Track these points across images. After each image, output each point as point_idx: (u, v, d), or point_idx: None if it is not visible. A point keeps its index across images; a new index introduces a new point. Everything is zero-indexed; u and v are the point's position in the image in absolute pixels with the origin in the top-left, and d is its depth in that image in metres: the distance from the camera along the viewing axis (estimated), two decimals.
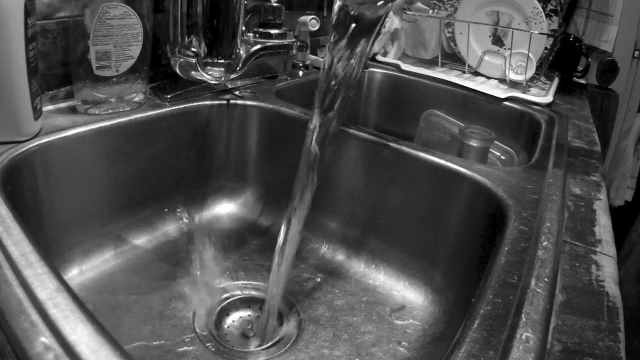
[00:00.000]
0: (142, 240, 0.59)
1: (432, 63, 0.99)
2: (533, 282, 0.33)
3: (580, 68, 1.08)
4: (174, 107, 0.60)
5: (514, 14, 0.89)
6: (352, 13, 0.40)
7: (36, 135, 0.47)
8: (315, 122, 0.43)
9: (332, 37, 0.41)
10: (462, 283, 0.51)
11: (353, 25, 0.41)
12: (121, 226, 0.57)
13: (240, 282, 0.55)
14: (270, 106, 0.66)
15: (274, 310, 0.48)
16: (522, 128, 0.78)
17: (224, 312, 0.51)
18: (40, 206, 0.48)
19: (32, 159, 0.46)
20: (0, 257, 0.29)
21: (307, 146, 0.43)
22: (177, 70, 0.60)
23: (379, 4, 0.40)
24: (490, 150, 0.71)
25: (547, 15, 0.90)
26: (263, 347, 0.47)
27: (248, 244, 0.62)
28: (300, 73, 0.84)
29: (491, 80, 0.92)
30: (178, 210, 0.63)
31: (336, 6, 0.41)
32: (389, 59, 0.99)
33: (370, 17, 0.40)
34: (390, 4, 0.41)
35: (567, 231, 0.42)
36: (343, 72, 0.42)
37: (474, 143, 0.66)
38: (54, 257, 0.49)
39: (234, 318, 0.51)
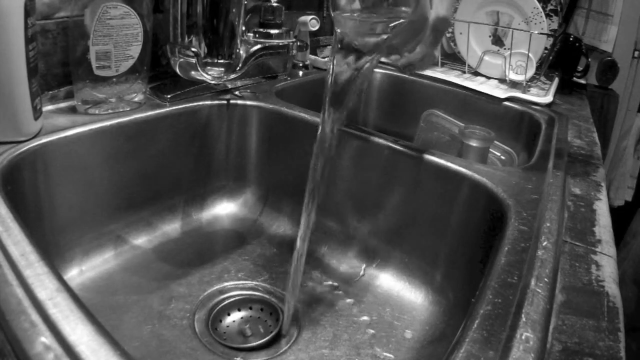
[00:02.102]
0: (142, 240, 0.59)
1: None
2: (533, 282, 0.33)
3: (580, 68, 1.08)
4: (174, 107, 0.60)
5: (514, 14, 0.89)
6: (351, 42, 0.41)
7: (36, 135, 0.47)
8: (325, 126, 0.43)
9: (333, 58, 0.42)
10: (462, 283, 0.51)
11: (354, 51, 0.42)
12: (121, 226, 0.57)
13: (239, 282, 0.55)
14: (270, 106, 0.66)
15: (289, 318, 0.48)
16: (522, 128, 0.78)
17: (224, 312, 0.51)
18: (40, 206, 0.48)
19: (32, 159, 0.46)
20: (0, 257, 0.29)
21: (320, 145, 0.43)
22: (177, 70, 0.60)
23: (374, 38, 0.41)
24: (490, 150, 0.71)
25: (547, 15, 0.89)
26: (262, 346, 0.47)
27: (248, 244, 0.62)
28: (300, 73, 0.84)
29: (491, 80, 0.92)
30: (178, 210, 0.63)
31: (336, 35, 0.41)
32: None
33: (367, 48, 0.41)
34: (384, 36, 0.41)
35: (567, 231, 0.42)
36: (348, 85, 0.42)
37: (474, 143, 0.66)
38: (54, 257, 0.49)
39: (234, 318, 0.51)
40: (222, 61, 0.60)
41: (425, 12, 0.42)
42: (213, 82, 0.62)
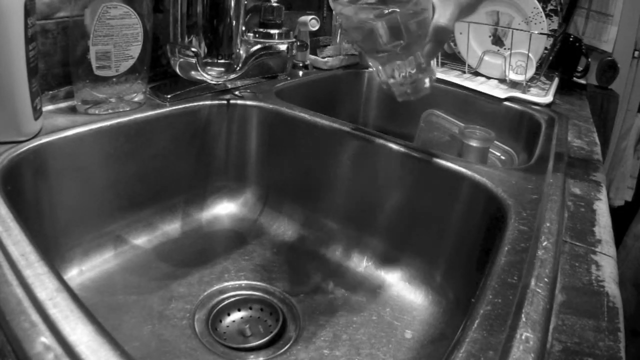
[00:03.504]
0: (142, 240, 0.59)
1: None
2: (533, 282, 0.33)
3: (580, 68, 1.08)
4: (174, 107, 0.60)
5: (514, 14, 0.89)
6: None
7: (36, 135, 0.47)
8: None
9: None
10: (462, 283, 0.51)
11: None
12: (121, 226, 0.57)
13: (239, 282, 0.55)
14: (270, 106, 0.66)
15: None
16: (522, 128, 0.78)
17: (224, 312, 0.51)
18: (40, 206, 0.47)
19: (32, 159, 0.46)
20: (0, 257, 0.29)
21: None
22: (177, 70, 0.60)
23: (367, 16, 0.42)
24: (490, 150, 0.71)
25: (547, 15, 0.90)
26: (262, 347, 0.47)
27: (248, 244, 0.62)
28: (300, 73, 0.84)
29: (491, 80, 0.92)
30: (178, 210, 0.63)
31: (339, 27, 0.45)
32: None
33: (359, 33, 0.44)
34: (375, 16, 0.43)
35: (567, 231, 0.42)
36: None
37: (474, 143, 0.66)
38: (54, 257, 0.49)
39: (234, 318, 0.51)
40: (222, 61, 0.61)
41: (423, 10, 0.42)
42: (213, 82, 0.62)
